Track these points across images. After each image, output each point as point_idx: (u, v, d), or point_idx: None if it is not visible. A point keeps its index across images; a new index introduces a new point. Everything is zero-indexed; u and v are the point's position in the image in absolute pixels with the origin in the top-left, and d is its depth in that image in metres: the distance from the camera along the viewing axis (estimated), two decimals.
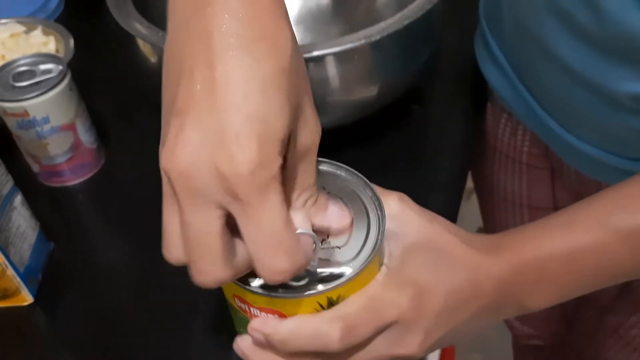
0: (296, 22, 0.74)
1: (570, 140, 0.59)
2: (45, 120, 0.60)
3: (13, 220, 0.54)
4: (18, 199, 0.55)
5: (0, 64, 0.63)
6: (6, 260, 0.52)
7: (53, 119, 0.60)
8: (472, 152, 0.72)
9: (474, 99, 0.73)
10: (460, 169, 0.66)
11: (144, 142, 0.60)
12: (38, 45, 0.73)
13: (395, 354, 0.36)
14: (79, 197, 0.66)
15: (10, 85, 0.60)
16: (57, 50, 0.74)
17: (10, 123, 0.61)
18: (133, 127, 0.74)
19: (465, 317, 0.38)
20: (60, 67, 0.61)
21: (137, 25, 0.57)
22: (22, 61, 0.62)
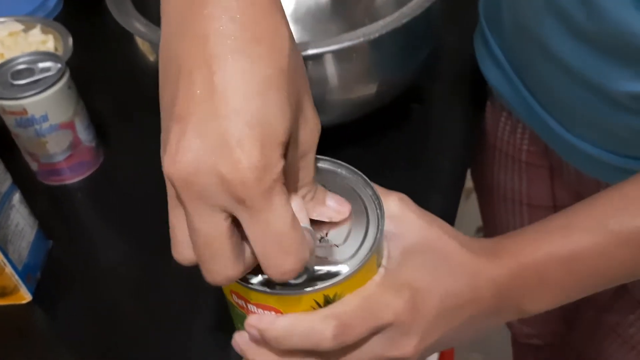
0: (295, 21, 0.74)
1: (570, 139, 0.59)
2: (44, 118, 0.60)
3: (11, 219, 0.54)
4: (16, 197, 0.55)
5: None
6: (4, 258, 0.52)
7: (52, 117, 0.60)
8: (472, 151, 0.72)
9: (473, 97, 0.73)
10: (459, 168, 0.66)
11: (143, 141, 0.60)
12: (37, 43, 0.73)
13: (390, 356, 0.36)
14: (77, 196, 0.66)
15: (9, 83, 0.60)
16: (56, 49, 0.74)
17: (9, 121, 0.61)
18: (132, 126, 0.74)
19: (462, 321, 0.38)
20: (59, 66, 0.61)
21: (136, 24, 0.57)
22: (21, 59, 0.62)
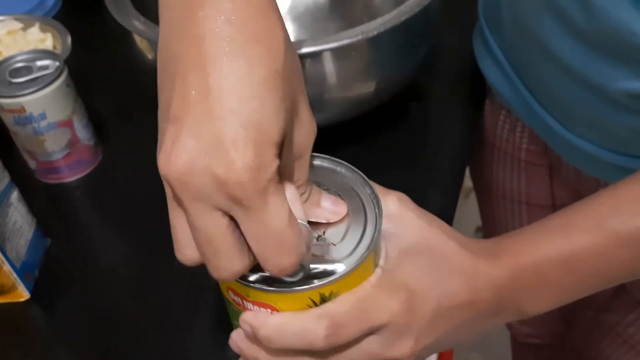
0: (293, 19, 0.74)
1: (569, 138, 0.59)
2: (42, 116, 0.60)
3: (9, 216, 0.54)
4: (14, 195, 0.55)
5: None
6: (2, 256, 0.52)
7: (50, 115, 0.60)
8: (471, 150, 0.72)
9: (472, 96, 0.73)
10: (458, 166, 0.66)
11: (142, 139, 0.60)
12: (35, 42, 0.73)
13: (386, 357, 0.36)
14: (76, 194, 0.66)
15: (7, 81, 0.60)
16: (55, 47, 0.74)
17: (7, 119, 0.61)
18: (131, 124, 0.74)
19: (460, 322, 0.38)
20: (57, 64, 0.61)
21: (135, 22, 0.57)
22: (19, 57, 0.62)
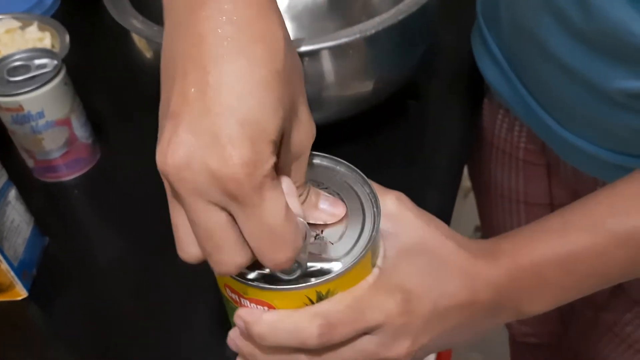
0: (291, 18, 0.74)
1: (567, 137, 0.59)
2: (40, 115, 0.60)
3: (7, 215, 0.54)
4: (12, 193, 0.55)
5: None
6: (0, 255, 0.52)
7: (48, 114, 0.60)
8: (469, 148, 0.72)
9: (470, 95, 0.73)
10: (456, 165, 0.66)
11: (141, 138, 0.60)
12: (33, 40, 0.73)
13: (383, 357, 0.36)
14: (74, 193, 0.66)
15: (5, 80, 0.60)
16: (53, 46, 0.74)
17: (5, 118, 0.61)
18: (129, 123, 0.74)
19: (457, 323, 0.38)
20: (55, 62, 0.61)
21: (133, 21, 0.57)
22: (17, 56, 0.62)
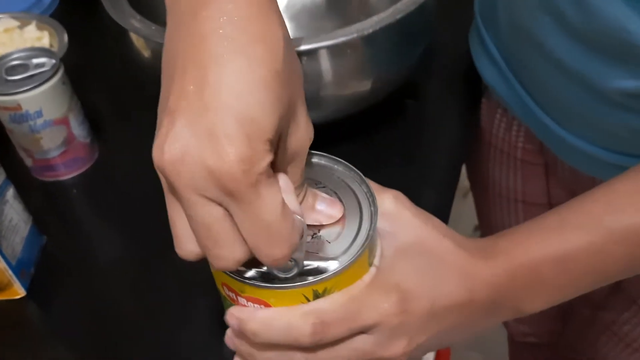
0: (290, 17, 0.74)
1: (565, 136, 0.59)
2: (38, 114, 0.60)
3: (5, 214, 0.54)
4: (10, 192, 0.55)
5: None
6: None
7: (46, 113, 0.60)
8: (467, 148, 0.72)
9: (468, 94, 0.73)
10: (454, 165, 0.66)
11: (139, 137, 0.60)
12: (32, 40, 0.73)
13: (379, 357, 0.36)
14: (72, 192, 0.66)
15: (3, 79, 0.60)
16: (51, 45, 0.74)
17: (3, 117, 0.61)
18: (127, 122, 0.74)
19: (454, 322, 0.38)
20: (53, 61, 0.61)
21: (131, 20, 0.57)
22: (15, 55, 0.62)
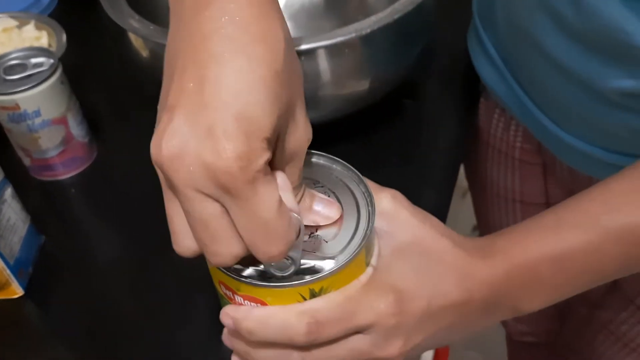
0: (289, 17, 0.74)
1: (563, 136, 0.59)
2: (37, 113, 0.60)
3: (3, 213, 0.54)
4: (8, 191, 0.55)
5: None
6: None
7: (44, 113, 0.60)
8: (465, 148, 0.72)
9: (467, 94, 0.73)
10: (452, 164, 0.66)
11: (137, 136, 0.60)
12: (30, 39, 0.73)
13: (375, 357, 0.36)
14: (70, 191, 0.66)
15: (2, 78, 0.60)
16: (50, 45, 0.74)
17: (2, 116, 0.61)
18: (125, 121, 0.74)
19: (451, 322, 0.38)
20: (52, 61, 0.61)
21: (129, 20, 0.57)
22: (14, 55, 0.62)
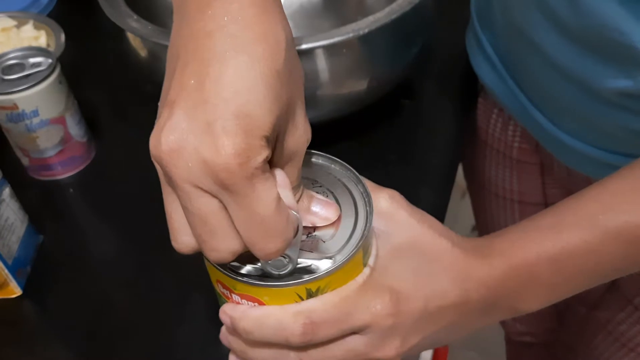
0: (287, 17, 0.73)
1: (560, 136, 0.59)
2: (35, 113, 0.60)
3: (1, 213, 0.54)
4: (6, 191, 0.55)
5: None
6: None
7: (42, 112, 0.60)
8: (463, 147, 0.72)
9: (465, 94, 0.73)
10: (450, 164, 0.66)
11: (135, 136, 0.60)
12: (29, 39, 0.73)
13: (372, 357, 0.36)
14: (69, 191, 0.66)
15: (0, 78, 0.60)
16: (48, 45, 0.74)
17: (0, 116, 0.61)
18: (124, 121, 0.74)
19: (449, 322, 0.38)
20: (50, 61, 0.61)
21: (128, 20, 0.57)
22: (12, 54, 0.62)
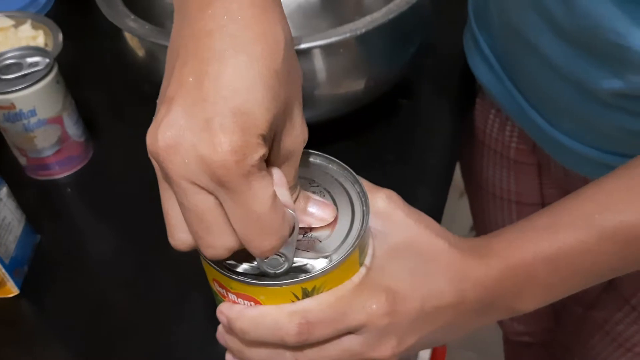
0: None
1: (557, 136, 0.59)
2: (32, 113, 0.60)
3: None
4: (4, 191, 0.55)
5: None
6: None
7: (40, 112, 0.60)
8: (460, 147, 0.72)
9: (462, 94, 0.73)
10: (448, 164, 0.66)
11: (133, 136, 0.60)
12: (27, 39, 0.73)
13: (368, 357, 0.36)
14: (66, 190, 0.66)
15: None
16: (46, 45, 0.74)
17: None
18: (121, 121, 0.74)
19: (445, 323, 0.38)
20: (47, 60, 0.61)
21: (125, 20, 0.57)
22: (9, 54, 0.62)
